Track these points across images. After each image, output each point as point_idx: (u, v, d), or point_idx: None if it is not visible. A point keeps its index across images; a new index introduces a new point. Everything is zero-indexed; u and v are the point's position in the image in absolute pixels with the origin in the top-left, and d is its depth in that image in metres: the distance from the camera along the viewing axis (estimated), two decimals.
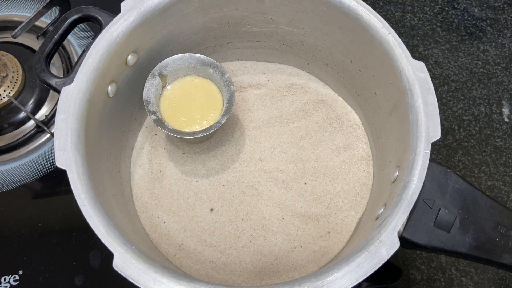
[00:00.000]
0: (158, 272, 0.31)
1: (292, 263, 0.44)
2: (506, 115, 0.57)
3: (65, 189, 0.51)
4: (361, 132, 0.49)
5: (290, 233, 0.45)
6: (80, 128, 0.36)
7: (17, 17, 0.59)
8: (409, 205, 0.33)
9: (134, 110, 0.47)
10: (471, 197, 0.34)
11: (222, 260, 0.44)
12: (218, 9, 0.44)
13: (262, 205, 0.46)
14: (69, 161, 0.35)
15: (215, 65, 0.44)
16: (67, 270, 0.47)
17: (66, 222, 0.50)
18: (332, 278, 0.31)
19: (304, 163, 0.47)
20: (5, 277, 0.47)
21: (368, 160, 0.48)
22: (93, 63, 0.38)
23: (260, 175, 0.47)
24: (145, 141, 0.49)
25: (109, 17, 0.40)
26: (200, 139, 0.47)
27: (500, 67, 0.60)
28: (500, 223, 0.34)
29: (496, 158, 0.55)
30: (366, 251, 0.32)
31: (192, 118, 0.45)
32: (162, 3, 0.40)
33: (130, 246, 0.33)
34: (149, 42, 0.43)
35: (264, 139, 0.48)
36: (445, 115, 0.58)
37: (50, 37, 0.39)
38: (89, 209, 0.33)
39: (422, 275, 0.50)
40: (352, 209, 0.46)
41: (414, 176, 0.34)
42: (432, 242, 0.33)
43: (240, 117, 0.49)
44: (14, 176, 0.52)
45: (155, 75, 0.44)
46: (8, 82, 0.53)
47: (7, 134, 0.53)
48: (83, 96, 0.37)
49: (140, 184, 0.47)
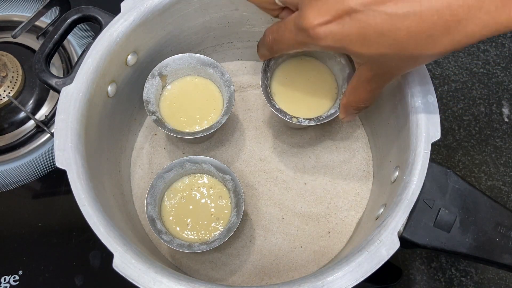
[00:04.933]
0: (158, 272, 0.31)
1: (292, 263, 0.44)
2: (506, 115, 0.57)
3: (65, 189, 0.51)
4: (361, 132, 0.49)
5: (290, 233, 0.45)
6: (80, 128, 0.36)
7: (17, 17, 0.59)
8: (409, 205, 0.33)
9: (134, 110, 0.47)
10: (471, 197, 0.34)
11: (222, 260, 0.44)
12: (218, 9, 0.44)
13: (262, 205, 0.46)
14: (69, 161, 0.35)
15: (215, 65, 0.44)
16: (67, 270, 0.47)
17: (66, 222, 0.50)
18: (332, 278, 0.31)
19: (304, 163, 0.47)
20: (5, 277, 0.47)
21: (368, 160, 0.48)
22: (93, 63, 0.38)
23: (260, 175, 0.47)
24: (145, 141, 0.49)
25: (109, 17, 0.40)
26: (200, 139, 0.47)
27: (500, 67, 0.60)
28: (500, 223, 0.34)
29: (496, 158, 0.55)
30: (366, 251, 0.32)
31: (192, 118, 0.45)
32: (162, 3, 0.40)
33: (130, 246, 0.33)
34: (149, 42, 0.43)
35: (264, 139, 0.48)
36: (445, 115, 0.58)
37: (50, 37, 0.39)
38: (89, 209, 0.33)
39: (422, 275, 0.50)
40: (352, 209, 0.46)
41: (414, 176, 0.34)
42: (432, 242, 0.33)
43: (240, 117, 0.49)
44: (14, 176, 0.52)
45: (155, 75, 0.44)
46: (8, 82, 0.53)
47: (7, 134, 0.53)
48: (83, 96, 0.37)
49: (140, 184, 0.47)
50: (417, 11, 0.25)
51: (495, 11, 0.24)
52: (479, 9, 0.24)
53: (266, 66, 0.42)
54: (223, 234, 0.39)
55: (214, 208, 0.42)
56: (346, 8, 0.27)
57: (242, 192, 0.40)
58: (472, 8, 0.24)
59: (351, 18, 0.27)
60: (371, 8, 0.26)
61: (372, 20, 0.27)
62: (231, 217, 0.41)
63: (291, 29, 0.32)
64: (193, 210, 0.42)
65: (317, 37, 0.29)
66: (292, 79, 0.44)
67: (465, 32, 0.25)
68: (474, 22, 0.25)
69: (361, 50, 0.29)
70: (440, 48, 0.27)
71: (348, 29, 0.28)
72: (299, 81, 0.44)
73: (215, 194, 0.43)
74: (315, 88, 0.44)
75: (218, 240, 0.39)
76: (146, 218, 0.40)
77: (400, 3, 0.26)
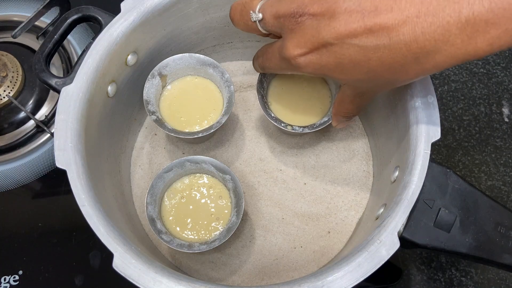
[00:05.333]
0: (158, 272, 0.31)
1: (292, 263, 0.44)
2: (506, 115, 0.57)
3: (65, 189, 0.51)
4: (361, 132, 0.49)
5: (290, 233, 0.45)
6: (80, 128, 0.36)
7: (17, 17, 0.59)
8: (409, 205, 0.33)
9: (134, 110, 0.47)
10: (471, 197, 0.34)
11: (222, 260, 0.44)
12: (218, 9, 0.44)
13: (262, 205, 0.46)
14: (69, 161, 0.35)
15: (215, 65, 0.44)
16: (67, 270, 0.47)
17: (66, 222, 0.50)
18: (332, 278, 0.31)
19: (304, 163, 0.47)
20: (5, 277, 0.47)
21: (368, 160, 0.48)
22: (93, 63, 0.38)
23: (260, 175, 0.47)
24: (145, 141, 0.49)
25: (109, 17, 0.40)
26: (200, 139, 0.47)
27: (500, 67, 0.60)
28: (500, 223, 0.34)
29: (496, 158, 0.55)
30: (366, 251, 0.32)
31: (192, 118, 0.45)
32: (162, 3, 0.40)
33: (130, 246, 0.33)
34: (149, 42, 0.43)
35: (264, 139, 0.48)
36: (445, 115, 0.58)
37: (50, 37, 0.39)
38: (89, 209, 0.33)
39: (422, 275, 0.50)
40: (352, 209, 0.46)
41: (414, 176, 0.34)
42: (432, 242, 0.33)
43: (240, 117, 0.49)
44: (14, 176, 0.52)
45: (155, 75, 0.44)
46: (8, 82, 0.53)
47: (7, 134, 0.53)
48: (83, 96, 0.37)
49: (140, 184, 0.47)
50: (386, 44, 0.27)
51: (461, 43, 0.25)
52: (446, 42, 0.25)
53: (262, 77, 0.43)
54: (223, 234, 0.39)
55: (214, 208, 0.42)
56: (321, 41, 0.29)
57: (242, 192, 0.40)
58: (438, 42, 0.25)
59: (327, 50, 0.29)
60: (344, 41, 0.28)
61: (346, 51, 0.28)
62: (231, 217, 0.41)
63: (276, 56, 0.34)
64: (193, 210, 0.42)
65: (298, 66, 0.31)
66: (288, 88, 0.45)
67: (434, 62, 0.26)
68: (442, 53, 0.26)
69: (340, 76, 0.31)
70: (411, 75, 0.28)
71: (325, 59, 0.30)
72: (294, 90, 0.45)
73: (215, 194, 0.43)
74: (309, 97, 0.45)
75: (218, 240, 0.39)
76: (146, 218, 0.40)
77: (371, 36, 0.27)
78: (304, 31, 0.30)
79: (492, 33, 0.24)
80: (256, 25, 0.34)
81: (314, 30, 0.29)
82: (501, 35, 0.24)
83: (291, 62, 0.32)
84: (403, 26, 0.26)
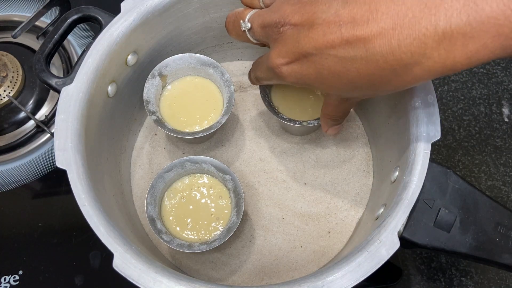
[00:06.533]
0: (158, 272, 0.31)
1: (292, 263, 0.44)
2: (506, 115, 0.57)
3: (65, 189, 0.51)
4: (361, 132, 0.49)
5: (290, 233, 0.45)
6: (80, 128, 0.36)
7: (17, 17, 0.59)
8: (409, 205, 0.33)
9: (134, 110, 0.47)
10: (471, 197, 0.34)
11: (222, 260, 0.44)
12: (218, 9, 0.44)
13: (262, 205, 0.46)
14: (69, 161, 0.35)
15: (215, 65, 0.44)
16: (67, 270, 0.47)
17: (66, 222, 0.50)
18: (332, 278, 0.31)
19: (304, 163, 0.47)
20: (5, 277, 0.47)
21: (368, 160, 0.48)
22: (93, 63, 0.38)
23: (260, 175, 0.47)
24: (145, 141, 0.49)
25: (109, 17, 0.40)
26: (200, 139, 0.47)
27: (500, 67, 0.60)
28: (500, 223, 0.34)
29: (496, 158, 0.55)
30: (366, 251, 0.32)
31: (192, 118, 0.45)
32: (162, 3, 0.40)
33: (130, 246, 0.33)
34: (149, 42, 0.43)
35: (264, 139, 0.48)
36: (445, 115, 0.58)
37: (50, 37, 0.39)
38: (89, 209, 0.33)
39: (422, 275, 0.50)
40: (352, 209, 0.46)
41: (414, 176, 0.34)
42: (432, 242, 0.33)
43: (240, 117, 0.49)
44: (14, 176, 0.52)
45: (155, 75, 0.44)
46: (8, 82, 0.53)
47: (7, 134, 0.53)
48: (83, 96, 0.37)
49: (140, 184, 0.47)
50: (363, 56, 0.27)
51: (438, 56, 0.25)
52: (423, 55, 0.25)
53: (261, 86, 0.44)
54: (223, 234, 0.39)
55: (214, 208, 0.42)
56: (301, 51, 0.29)
57: (242, 192, 0.40)
58: (415, 54, 0.25)
59: (307, 60, 0.29)
60: (323, 51, 0.28)
61: (325, 62, 0.29)
62: (231, 217, 0.41)
63: (264, 66, 0.34)
64: (193, 210, 0.42)
65: (282, 75, 0.32)
66: (291, 89, 0.45)
67: (412, 74, 0.26)
68: (420, 66, 0.26)
69: (321, 86, 0.31)
70: (391, 87, 0.28)
71: (306, 69, 0.30)
72: (295, 89, 0.45)
73: (215, 194, 0.43)
74: (312, 93, 0.45)
75: (218, 240, 0.39)
76: (146, 218, 0.40)
77: (348, 47, 0.27)
78: (286, 41, 0.30)
79: (470, 47, 0.24)
80: (246, 34, 0.35)
81: (294, 40, 0.30)
82: (479, 49, 0.24)
83: (275, 71, 0.32)
84: (378, 38, 0.26)
